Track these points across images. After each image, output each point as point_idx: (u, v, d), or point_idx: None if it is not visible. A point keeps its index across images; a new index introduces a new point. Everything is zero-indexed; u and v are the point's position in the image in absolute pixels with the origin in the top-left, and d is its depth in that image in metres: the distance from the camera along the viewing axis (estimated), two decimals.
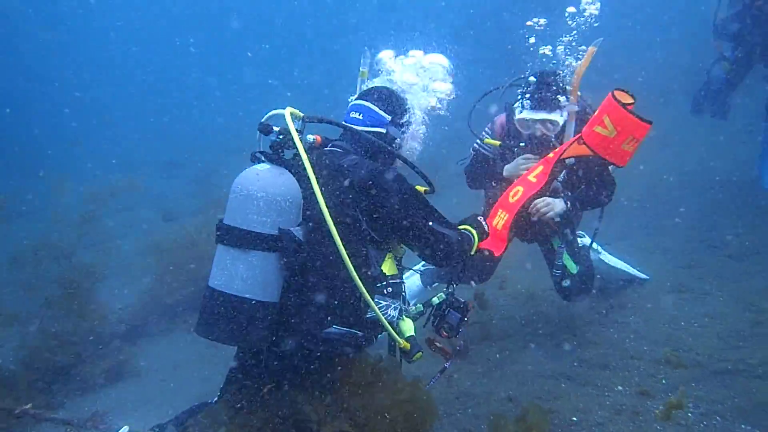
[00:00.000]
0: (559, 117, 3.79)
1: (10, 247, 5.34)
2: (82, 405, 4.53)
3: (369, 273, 2.48)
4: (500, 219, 3.50)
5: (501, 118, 4.21)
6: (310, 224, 2.37)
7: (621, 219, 7.29)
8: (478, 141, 4.27)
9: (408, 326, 2.69)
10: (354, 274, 2.28)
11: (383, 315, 2.46)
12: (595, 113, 3.30)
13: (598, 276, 4.92)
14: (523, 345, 4.39)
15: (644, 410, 3.19)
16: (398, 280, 2.67)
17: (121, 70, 30.64)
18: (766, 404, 3.08)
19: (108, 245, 6.35)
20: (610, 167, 3.88)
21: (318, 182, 2.30)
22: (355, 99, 2.86)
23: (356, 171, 2.47)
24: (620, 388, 3.50)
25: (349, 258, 2.28)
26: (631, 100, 3.18)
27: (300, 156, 2.34)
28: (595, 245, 4.58)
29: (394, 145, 2.81)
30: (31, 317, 4.85)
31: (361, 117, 2.75)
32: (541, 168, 3.60)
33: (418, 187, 2.78)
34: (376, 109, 2.76)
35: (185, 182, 13.38)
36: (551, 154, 3.63)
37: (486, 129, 4.26)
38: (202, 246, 6.36)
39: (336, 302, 2.37)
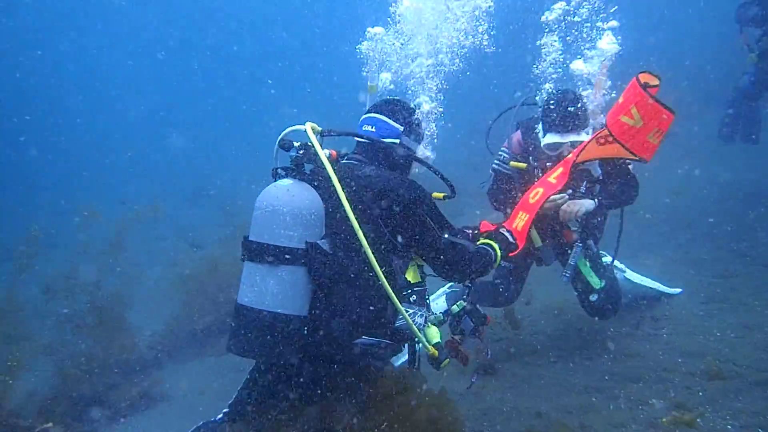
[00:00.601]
0: (586, 136, 3.73)
1: (42, 278, 5.48)
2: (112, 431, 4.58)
3: (395, 282, 2.48)
4: (520, 220, 3.44)
5: (517, 136, 4.16)
6: (338, 236, 2.39)
7: (649, 232, 7.15)
8: (497, 161, 4.23)
9: (434, 333, 2.69)
10: (386, 283, 2.30)
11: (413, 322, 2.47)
12: (620, 101, 3.17)
13: (629, 296, 4.84)
14: (551, 360, 4.30)
15: (681, 423, 3.07)
16: (422, 287, 2.68)
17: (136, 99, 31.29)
18: None
19: (136, 273, 6.45)
20: (630, 165, 3.83)
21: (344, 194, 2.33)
22: (366, 112, 2.89)
23: (376, 182, 2.49)
24: (654, 401, 3.37)
25: (371, 268, 2.29)
26: (657, 82, 3.07)
27: (323, 169, 2.39)
28: (618, 263, 4.49)
29: (407, 160, 2.83)
30: (64, 345, 4.95)
31: (374, 129, 2.78)
32: (561, 170, 3.55)
33: (436, 194, 2.81)
34: (389, 120, 2.79)
35: (211, 210, 13.61)
36: (570, 155, 3.60)
37: (503, 147, 4.21)
38: (229, 272, 6.43)
39: (365, 312, 2.36)
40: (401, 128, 2.79)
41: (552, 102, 3.77)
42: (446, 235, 2.60)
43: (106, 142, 24.91)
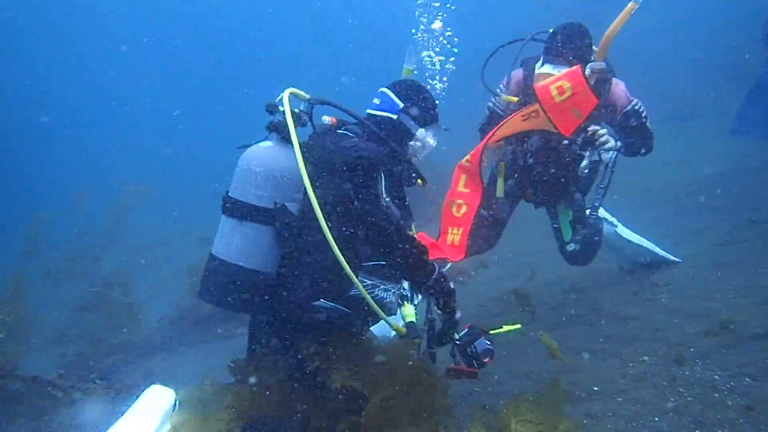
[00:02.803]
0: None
1: (44, 263, 5.62)
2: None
3: (355, 251, 2.47)
4: (455, 235, 3.31)
5: (518, 75, 3.86)
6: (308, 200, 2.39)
7: (657, 204, 7.07)
8: (493, 100, 3.95)
9: (409, 312, 2.70)
10: (335, 249, 2.25)
11: (370, 294, 2.41)
12: (558, 74, 3.20)
13: (627, 259, 4.79)
14: (549, 327, 4.26)
15: (668, 376, 3.02)
16: None
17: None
18: None
19: (141, 257, 6.58)
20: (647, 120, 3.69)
21: (309, 160, 2.36)
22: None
23: (346, 152, 2.46)
24: (646, 358, 3.34)
25: (336, 235, 2.30)
26: (602, 66, 3.20)
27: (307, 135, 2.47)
28: (609, 216, 4.42)
29: (405, 137, 2.76)
30: (70, 328, 5.09)
31: (378, 102, 2.80)
32: (464, 177, 3.43)
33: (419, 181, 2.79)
34: (392, 95, 2.78)
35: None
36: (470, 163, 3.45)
37: (501, 85, 3.95)
38: None
39: (322, 277, 2.41)
40: (401, 105, 2.76)
41: (557, 31, 3.50)
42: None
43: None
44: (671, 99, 14.51)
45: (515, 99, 3.75)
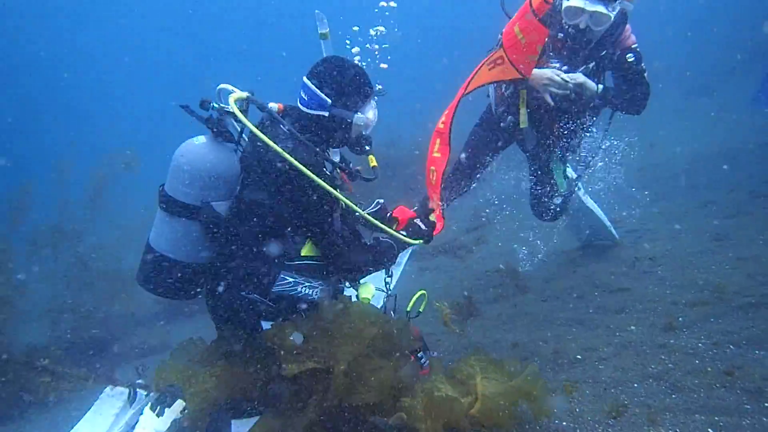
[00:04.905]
0: (611, 14, 3.36)
1: (29, 234, 5.64)
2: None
3: (284, 250, 2.50)
4: (434, 202, 3.32)
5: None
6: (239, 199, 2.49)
7: (664, 179, 6.95)
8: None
9: (368, 290, 2.72)
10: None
11: (292, 291, 2.49)
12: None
13: (586, 229, 4.88)
14: (541, 299, 4.24)
15: (653, 345, 2.98)
16: (322, 262, 2.59)
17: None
18: None
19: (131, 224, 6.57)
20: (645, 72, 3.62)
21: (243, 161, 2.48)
22: (305, 75, 2.61)
23: (268, 156, 2.39)
24: (633, 327, 3.29)
25: (262, 235, 2.42)
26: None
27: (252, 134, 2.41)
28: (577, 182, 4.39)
29: (345, 128, 2.60)
30: (63, 301, 5.14)
31: (306, 98, 2.55)
32: (438, 141, 3.38)
33: (372, 158, 2.73)
34: (317, 91, 2.52)
35: None
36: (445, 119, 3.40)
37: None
38: None
39: (246, 271, 2.46)
40: (329, 101, 2.52)
41: None
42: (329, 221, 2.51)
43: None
44: (690, 74, 14.22)
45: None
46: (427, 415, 2.20)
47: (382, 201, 3.09)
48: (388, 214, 3.07)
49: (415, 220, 3.05)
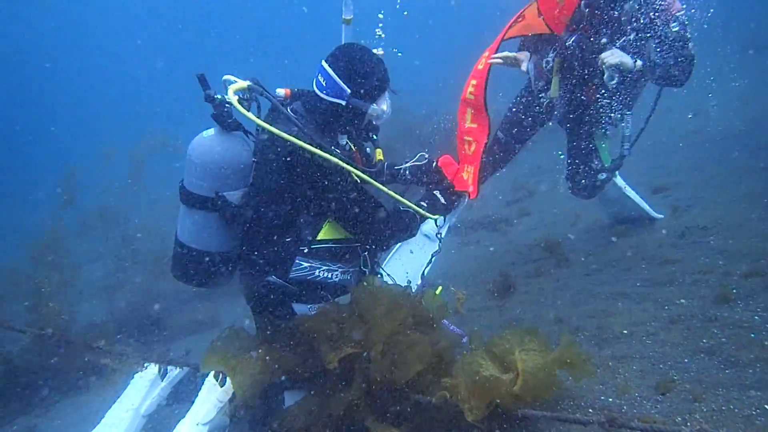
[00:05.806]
0: None
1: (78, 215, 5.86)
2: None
3: (298, 235, 2.57)
4: (469, 174, 3.23)
5: None
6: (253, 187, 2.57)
7: (715, 143, 6.63)
8: None
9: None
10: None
11: (309, 276, 2.58)
12: None
13: (614, 198, 4.67)
14: (586, 273, 4.13)
15: (704, 318, 2.87)
16: (339, 245, 2.65)
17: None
18: None
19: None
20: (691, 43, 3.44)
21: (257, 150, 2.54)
22: (325, 59, 2.61)
23: (282, 144, 2.40)
24: (683, 300, 3.17)
25: (279, 221, 2.51)
26: None
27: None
28: None
29: (358, 117, 2.63)
30: (115, 279, 5.35)
31: (324, 83, 2.55)
32: (470, 112, 3.30)
33: (379, 150, 2.85)
34: (337, 79, 2.52)
35: None
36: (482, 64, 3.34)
37: None
38: None
39: (267, 257, 2.58)
40: (348, 90, 2.52)
41: None
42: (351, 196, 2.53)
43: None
44: (742, 29, 13.37)
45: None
46: (470, 395, 2.19)
47: (427, 155, 3.17)
48: (434, 164, 3.15)
49: (435, 193, 3.05)
